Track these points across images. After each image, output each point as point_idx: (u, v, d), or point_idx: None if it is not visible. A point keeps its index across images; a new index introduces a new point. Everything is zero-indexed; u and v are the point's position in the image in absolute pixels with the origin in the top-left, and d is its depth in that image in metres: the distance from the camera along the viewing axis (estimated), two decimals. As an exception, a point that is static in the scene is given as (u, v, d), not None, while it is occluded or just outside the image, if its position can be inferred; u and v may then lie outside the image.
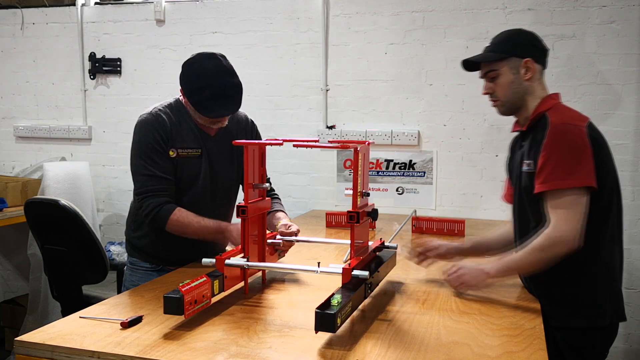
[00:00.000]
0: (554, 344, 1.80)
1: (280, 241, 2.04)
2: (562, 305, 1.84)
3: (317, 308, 1.42)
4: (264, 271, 2.01)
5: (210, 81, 2.06)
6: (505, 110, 1.97)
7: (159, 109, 2.19)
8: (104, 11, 4.06)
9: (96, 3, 4.09)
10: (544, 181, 1.76)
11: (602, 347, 1.90)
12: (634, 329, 3.30)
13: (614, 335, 1.92)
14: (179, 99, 2.23)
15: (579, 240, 1.72)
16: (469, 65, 2.01)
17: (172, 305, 1.51)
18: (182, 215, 2.11)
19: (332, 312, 1.40)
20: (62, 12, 4.16)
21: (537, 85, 1.92)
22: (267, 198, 1.99)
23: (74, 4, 4.11)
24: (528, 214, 1.91)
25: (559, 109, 1.87)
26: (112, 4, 4.06)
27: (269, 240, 1.99)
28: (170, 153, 2.15)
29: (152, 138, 2.13)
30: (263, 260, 1.94)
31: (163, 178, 2.13)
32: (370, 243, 1.91)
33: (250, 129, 2.40)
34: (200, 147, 2.21)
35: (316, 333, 1.43)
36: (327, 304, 1.45)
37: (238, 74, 2.15)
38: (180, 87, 2.14)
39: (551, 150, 1.76)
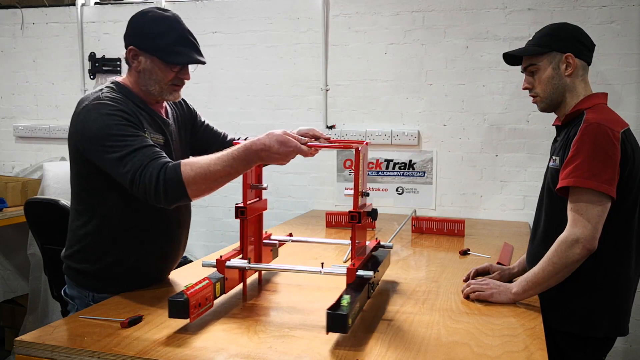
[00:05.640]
0: (553, 345, 1.80)
1: (277, 242, 2.04)
2: (556, 307, 1.84)
3: (328, 309, 1.41)
4: (260, 272, 2.01)
5: (173, 25, 1.78)
6: (544, 107, 1.93)
7: (106, 94, 1.76)
8: (104, 11, 4.06)
9: (96, 3, 4.09)
10: (566, 177, 1.73)
11: (594, 357, 1.88)
12: (634, 329, 3.30)
13: (608, 348, 1.89)
14: (117, 81, 1.85)
15: (596, 242, 1.68)
16: (511, 59, 1.98)
17: (178, 309, 1.49)
18: (194, 162, 1.62)
19: (344, 312, 1.39)
20: (62, 12, 4.16)
21: (578, 82, 1.87)
22: (264, 199, 1.97)
23: (74, 4, 4.11)
24: (542, 209, 1.91)
25: (599, 109, 1.82)
26: (112, 4, 4.06)
27: (265, 241, 1.99)
28: (145, 135, 1.74)
29: (117, 115, 1.69)
30: (260, 261, 1.94)
31: (152, 146, 1.69)
32: (367, 243, 1.91)
33: (186, 105, 2.12)
34: (163, 134, 1.88)
35: (327, 334, 1.42)
36: (337, 304, 1.45)
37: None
38: (129, 46, 1.80)
39: (580, 148, 1.72)
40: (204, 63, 1.84)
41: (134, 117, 1.74)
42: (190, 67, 1.87)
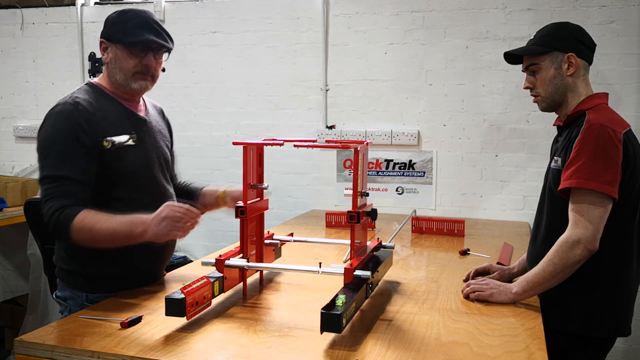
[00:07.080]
0: (553, 345, 1.80)
1: (278, 242, 2.04)
2: (556, 308, 1.83)
3: (323, 309, 1.41)
4: (261, 271, 2.01)
5: (138, 14, 1.87)
6: (545, 106, 1.92)
7: (77, 96, 1.82)
8: (104, 11, 4.06)
9: (96, 3, 4.09)
10: (568, 178, 1.72)
11: (594, 357, 1.88)
12: (634, 329, 3.29)
13: (608, 348, 1.89)
14: (92, 82, 1.91)
15: (597, 243, 1.68)
16: (511, 58, 1.97)
17: (174, 307, 1.50)
18: (87, 217, 1.70)
19: (338, 312, 1.39)
20: (62, 12, 4.15)
21: (580, 82, 1.87)
22: (265, 199, 1.97)
23: (73, 4, 4.11)
24: (543, 209, 1.90)
25: (600, 110, 1.82)
26: (112, 4, 4.06)
27: (266, 241, 1.99)
28: (105, 144, 1.80)
29: (69, 130, 1.75)
30: (261, 261, 1.94)
31: (74, 180, 1.74)
32: (368, 243, 1.91)
33: (169, 126, 2.16)
34: (136, 132, 1.89)
35: (321, 334, 1.43)
36: (332, 304, 1.45)
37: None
38: (100, 39, 1.90)
39: (582, 149, 1.72)
40: (165, 47, 1.89)
41: (96, 123, 1.79)
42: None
